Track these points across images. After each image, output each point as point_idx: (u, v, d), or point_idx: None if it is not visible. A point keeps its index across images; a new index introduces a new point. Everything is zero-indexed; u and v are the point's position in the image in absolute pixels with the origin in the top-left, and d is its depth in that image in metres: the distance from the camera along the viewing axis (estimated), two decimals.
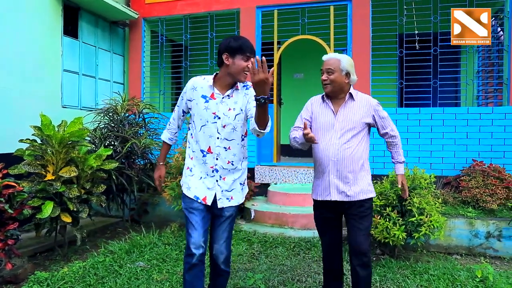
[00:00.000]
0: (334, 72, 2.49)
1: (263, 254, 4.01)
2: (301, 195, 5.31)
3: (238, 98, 2.37)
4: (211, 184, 2.37)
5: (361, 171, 2.53)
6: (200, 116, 2.33)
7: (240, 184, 2.48)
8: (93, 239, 4.70)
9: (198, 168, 2.39)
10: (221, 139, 2.33)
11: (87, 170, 3.95)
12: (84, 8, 6.19)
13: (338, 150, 2.49)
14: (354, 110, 2.53)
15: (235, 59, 2.25)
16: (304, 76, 8.65)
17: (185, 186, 2.45)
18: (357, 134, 2.51)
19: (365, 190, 2.54)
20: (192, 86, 2.40)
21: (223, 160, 2.36)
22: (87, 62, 6.34)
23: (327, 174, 2.54)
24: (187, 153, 2.48)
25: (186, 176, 2.45)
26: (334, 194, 2.53)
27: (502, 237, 4.14)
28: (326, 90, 2.55)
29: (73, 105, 6.04)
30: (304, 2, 6.21)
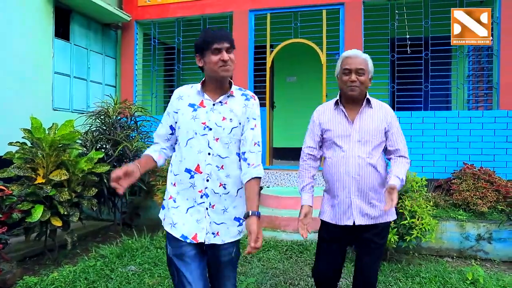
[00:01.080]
0: (365, 74, 2.16)
1: (256, 258, 4.00)
2: (294, 199, 5.31)
3: (234, 106, 1.95)
4: (201, 214, 1.89)
5: (383, 187, 2.19)
6: (187, 127, 1.90)
7: (234, 220, 1.95)
8: (84, 243, 4.66)
9: (184, 195, 1.91)
10: (213, 156, 1.88)
11: (78, 174, 3.92)
12: (76, 10, 6.16)
13: (360, 165, 2.13)
14: (372, 118, 2.20)
15: (205, 57, 1.90)
16: (297, 80, 8.68)
17: (167, 222, 1.95)
18: (377, 145, 2.19)
19: (391, 211, 2.23)
20: (178, 95, 2.00)
21: (214, 182, 1.89)
22: (78, 65, 6.30)
23: (347, 194, 2.17)
24: (169, 179, 2.01)
25: (169, 209, 1.95)
26: (357, 218, 2.17)
27: (492, 240, 4.18)
28: (354, 93, 2.17)
29: (64, 107, 5.99)
30: (296, 6, 6.23)
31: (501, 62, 5.43)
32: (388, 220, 2.24)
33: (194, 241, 1.88)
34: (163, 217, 2.01)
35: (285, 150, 7.80)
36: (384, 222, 2.22)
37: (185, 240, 1.88)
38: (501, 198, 4.54)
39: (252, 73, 6.44)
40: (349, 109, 2.24)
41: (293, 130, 7.84)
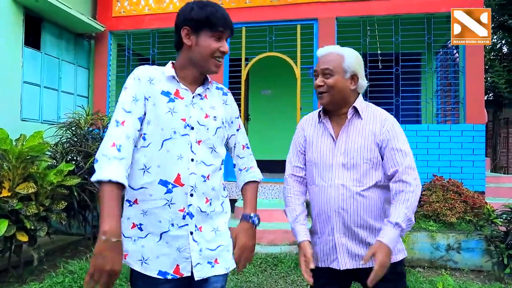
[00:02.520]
0: (334, 74, 1.65)
1: (230, 271, 3.95)
2: (268, 211, 5.31)
3: (214, 101, 1.56)
4: (182, 241, 1.42)
5: (382, 222, 1.60)
6: (162, 123, 1.42)
7: (231, 238, 1.61)
8: (51, 259, 4.48)
9: (154, 217, 1.41)
10: (196, 163, 1.44)
11: (47, 186, 3.79)
12: (47, 19, 6.03)
13: (344, 196, 1.63)
14: (361, 133, 1.66)
15: (199, 37, 1.44)
16: (271, 93, 8.76)
17: (134, 258, 1.43)
18: (370, 169, 1.63)
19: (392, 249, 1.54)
20: (147, 76, 1.47)
21: (200, 198, 1.45)
22: (49, 75, 6.15)
23: (331, 231, 1.67)
24: (127, 195, 1.46)
25: (135, 240, 1.43)
26: (343, 260, 1.65)
27: (461, 249, 4.29)
28: (322, 101, 1.70)
29: (34, 118, 5.81)
30: (271, 21, 6.33)
31: (466, 79, 5.66)
32: (392, 261, 1.55)
33: (177, 275, 1.41)
34: (125, 253, 1.41)
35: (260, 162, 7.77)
36: None
37: (164, 277, 1.41)
38: (469, 209, 4.69)
39: (227, 86, 6.45)
40: (334, 121, 1.73)
41: (268, 143, 7.89)
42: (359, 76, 1.69)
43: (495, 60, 11.00)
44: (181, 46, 1.51)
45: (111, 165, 1.28)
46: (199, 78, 1.53)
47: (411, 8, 5.93)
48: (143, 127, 1.43)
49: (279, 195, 5.93)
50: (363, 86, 1.72)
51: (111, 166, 1.28)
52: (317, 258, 1.74)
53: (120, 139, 1.34)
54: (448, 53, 6.78)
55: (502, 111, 11.36)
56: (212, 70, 1.50)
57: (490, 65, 10.61)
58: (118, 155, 1.31)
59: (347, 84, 1.67)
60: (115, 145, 1.32)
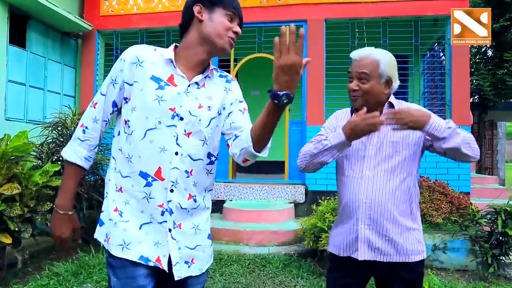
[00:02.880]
0: (370, 80, 1.66)
1: (218, 272, 3.95)
2: (256, 212, 5.32)
3: (213, 91, 1.44)
4: (160, 236, 1.36)
5: (407, 219, 1.69)
6: (147, 111, 1.33)
7: (208, 238, 1.50)
8: (36, 261, 4.40)
9: (135, 207, 1.36)
10: (181, 157, 1.34)
11: (32, 187, 3.73)
12: (33, 17, 5.94)
13: (373, 187, 1.66)
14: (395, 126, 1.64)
15: (213, 13, 1.37)
16: (260, 93, 8.76)
17: (115, 242, 1.35)
18: (401, 162, 1.66)
19: (414, 249, 1.67)
20: (134, 57, 1.37)
21: (181, 194, 1.36)
22: (35, 73, 6.06)
23: (355, 222, 1.70)
24: (111, 179, 1.41)
25: (116, 224, 1.36)
26: (363, 251, 1.67)
27: (447, 249, 4.35)
28: (356, 104, 1.71)
29: (18, 118, 5.71)
30: (261, 22, 6.33)
31: (453, 81, 5.75)
32: (407, 260, 1.65)
33: (159, 264, 1.34)
34: (105, 236, 1.39)
35: None
36: (404, 263, 1.66)
37: (147, 263, 1.33)
38: (454, 210, 4.75)
39: None
40: None
41: None
42: (394, 80, 1.70)
43: (480, 63, 11.18)
44: (188, 25, 1.40)
45: (72, 146, 1.44)
46: (202, 62, 1.42)
47: (399, 11, 6.00)
48: (126, 112, 1.37)
49: (268, 195, 5.93)
50: (394, 88, 1.73)
51: (72, 147, 1.43)
52: (339, 247, 1.75)
53: (88, 121, 1.42)
54: (434, 56, 6.88)
55: (487, 113, 11.56)
56: (225, 47, 1.39)
57: (475, 68, 10.78)
58: (82, 136, 1.42)
59: (382, 88, 1.68)
60: (83, 126, 1.43)
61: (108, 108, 1.41)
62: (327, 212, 4.06)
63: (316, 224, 4.03)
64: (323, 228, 3.91)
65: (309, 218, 4.30)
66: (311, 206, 4.67)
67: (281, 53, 1.13)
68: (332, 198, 4.40)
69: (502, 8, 9.92)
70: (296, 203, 5.86)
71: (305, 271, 3.96)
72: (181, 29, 1.44)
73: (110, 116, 1.43)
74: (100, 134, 1.44)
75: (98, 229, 1.44)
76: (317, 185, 5.92)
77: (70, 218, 1.45)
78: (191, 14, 1.39)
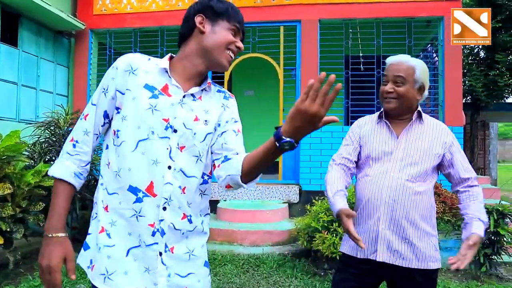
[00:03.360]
0: (406, 83, 1.70)
1: (212, 273, 3.94)
2: (250, 212, 5.31)
3: (210, 105, 1.34)
4: (150, 261, 1.22)
5: (428, 225, 1.72)
6: (139, 121, 1.23)
7: (204, 266, 1.34)
8: (28, 262, 4.36)
9: (120, 230, 1.23)
10: (174, 171, 1.23)
11: (24, 187, 3.69)
12: (25, 16, 5.88)
13: (398, 187, 1.67)
14: (423, 136, 1.75)
15: (216, 25, 1.29)
16: (254, 93, 8.77)
17: (97, 272, 1.24)
18: (426, 170, 1.71)
19: (432, 255, 1.71)
20: (128, 65, 1.28)
21: (175, 212, 1.24)
22: (27, 73, 6.00)
23: (376, 222, 1.70)
24: (99, 197, 1.29)
25: (100, 250, 1.23)
26: (382, 252, 1.68)
27: (440, 249, 4.34)
28: (389, 106, 1.75)
29: (10, 117, 5.66)
30: (255, 22, 6.33)
31: (445, 82, 5.79)
32: (425, 267, 1.68)
33: None
34: (89, 263, 1.27)
35: None
36: (421, 269, 1.68)
37: None
38: (447, 209, 4.78)
39: None
40: (394, 124, 1.79)
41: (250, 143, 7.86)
42: (426, 87, 1.76)
43: (472, 64, 11.27)
44: (189, 35, 1.31)
45: (60, 161, 1.27)
46: (198, 75, 1.32)
47: (392, 12, 6.03)
48: (116, 122, 1.25)
49: (262, 195, 5.93)
50: (425, 96, 1.80)
51: (60, 163, 1.27)
52: (357, 248, 1.73)
53: (78, 134, 1.28)
54: (428, 57, 6.93)
55: (479, 114, 11.65)
56: (223, 63, 1.31)
57: (468, 69, 10.87)
58: (71, 151, 1.27)
59: (415, 94, 1.74)
60: (72, 141, 1.28)
61: (100, 120, 1.29)
62: (321, 212, 4.07)
63: (310, 224, 4.04)
64: (317, 228, 3.92)
65: (303, 218, 4.30)
66: (305, 206, 4.68)
67: (308, 97, 1.00)
68: (326, 198, 4.40)
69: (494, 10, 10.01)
70: (290, 203, 5.87)
71: (299, 271, 3.97)
72: (180, 38, 1.35)
73: (102, 129, 1.31)
74: (92, 148, 1.30)
75: (82, 254, 1.30)
76: (311, 185, 5.94)
77: (61, 242, 1.22)
78: (192, 24, 1.30)
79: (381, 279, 1.78)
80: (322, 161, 5.85)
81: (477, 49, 11.52)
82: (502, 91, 10.80)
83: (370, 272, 1.73)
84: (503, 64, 10.30)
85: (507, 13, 10.00)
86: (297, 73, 6.25)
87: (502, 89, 10.61)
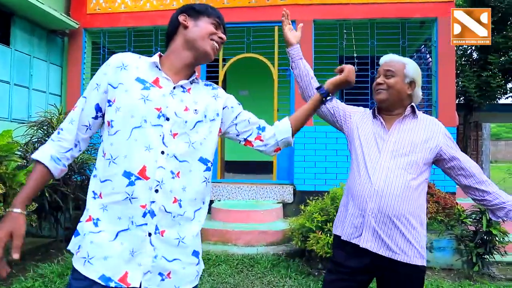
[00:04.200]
0: (395, 76, 1.79)
1: (206, 273, 3.93)
2: (245, 212, 5.31)
3: (199, 96, 1.43)
4: (138, 242, 1.26)
5: (415, 220, 1.70)
6: (133, 110, 1.29)
7: (192, 255, 1.37)
8: (21, 263, 4.32)
9: (113, 212, 1.27)
10: (167, 156, 1.29)
11: (16, 187, 3.66)
12: (18, 14, 5.83)
13: (386, 178, 1.70)
14: (415, 130, 1.78)
15: (198, 20, 1.42)
16: (249, 93, 8.77)
17: (80, 255, 1.29)
18: (417, 162, 1.72)
19: (417, 251, 1.69)
20: (119, 62, 1.36)
21: (166, 195, 1.28)
22: (20, 72, 5.95)
23: (363, 208, 1.73)
24: (90, 187, 1.35)
25: (85, 235, 1.29)
26: (365, 238, 1.71)
27: (433, 249, 4.41)
28: (379, 97, 1.83)
29: (2, 116, 5.61)
30: (249, 22, 6.33)
31: (439, 83, 5.83)
32: (413, 262, 1.67)
33: (123, 284, 1.23)
34: (77, 248, 1.31)
35: (236, 163, 7.81)
36: (406, 264, 1.67)
37: (107, 284, 1.23)
38: (441, 209, 4.81)
39: None
40: (387, 119, 1.85)
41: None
42: (417, 84, 1.82)
43: (465, 65, 11.36)
44: (174, 33, 1.45)
45: (43, 146, 1.35)
46: (187, 67, 1.43)
47: (386, 13, 6.05)
48: (110, 114, 1.32)
49: (256, 196, 5.93)
50: (418, 95, 1.84)
51: (42, 147, 1.34)
52: (344, 227, 1.80)
53: (65, 123, 1.38)
54: (421, 58, 6.97)
55: (472, 114, 11.75)
56: (208, 51, 1.41)
57: (461, 70, 10.96)
58: (55, 137, 1.36)
59: (405, 87, 1.80)
60: (59, 129, 1.38)
61: (90, 112, 1.36)
62: (315, 212, 4.08)
63: (304, 224, 4.05)
64: (311, 228, 3.93)
65: (297, 218, 4.31)
66: (299, 206, 4.69)
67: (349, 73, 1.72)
68: (320, 198, 4.42)
69: None
70: (284, 203, 5.87)
71: (293, 271, 3.97)
72: (167, 38, 1.48)
73: (94, 122, 1.37)
74: (75, 137, 1.36)
75: (72, 240, 1.35)
76: (306, 185, 5.95)
77: (14, 218, 1.22)
78: (177, 23, 1.44)
79: (371, 276, 1.79)
80: (316, 161, 5.86)
81: (470, 50, 11.61)
82: (494, 92, 10.90)
83: (360, 269, 1.74)
84: (496, 65, 10.40)
85: (499, 14, 10.10)
86: (291, 73, 6.25)
87: (495, 90, 10.71)
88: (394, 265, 1.68)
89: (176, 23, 1.44)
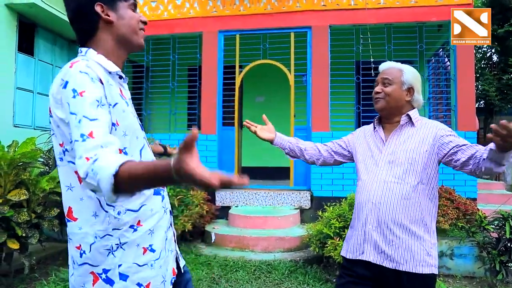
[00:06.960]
0: (392, 84, 1.81)
1: (224, 279, 3.94)
2: (262, 218, 5.31)
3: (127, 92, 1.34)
4: (171, 240, 1.37)
5: (418, 228, 1.70)
6: (134, 131, 1.24)
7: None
8: (43, 267, 4.42)
9: (160, 234, 1.29)
10: None
11: (39, 193, 3.76)
12: (41, 25, 6.02)
13: (384, 190, 1.73)
14: (411, 138, 1.77)
15: (118, 9, 1.25)
16: (265, 99, 8.79)
17: (157, 282, 1.26)
18: (414, 169, 1.72)
19: (421, 259, 1.69)
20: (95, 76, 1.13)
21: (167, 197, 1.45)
22: (43, 80, 6.13)
23: (364, 223, 1.77)
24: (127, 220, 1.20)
25: (153, 265, 1.24)
26: (368, 252, 1.74)
27: (454, 256, 4.31)
28: (377, 106, 1.85)
29: (26, 124, 5.77)
30: (265, 28, 6.37)
31: (458, 87, 5.73)
32: (419, 271, 1.68)
33: (174, 276, 1.37)
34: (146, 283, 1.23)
35: (253, 169, 7.81)
36: (410, 273, 1.68)
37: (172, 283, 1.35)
38: (461, 216, 4.71)
39: (221, 93, 6.47)
40: (386, 129, 1.88)
41: (261, 150, 7.89)
42: (415, 90, 1.82)
43: (485, 68, 11.16)
44: (96, 28, 1.24)
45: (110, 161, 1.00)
46: (123, 61, 1.34)
47: (403, 17, 6.01)
48: (119, 140, 1.11)
49: (273, 202, 5.93)
50: (418, 100, 1.84)
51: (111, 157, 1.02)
52: (349, 249, 1.83)
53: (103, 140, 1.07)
54: (439, 61, 6.87)
55: (493, 118, 11.49)
56: (142, 44, 1.32)
57: (481, 73, 10.77)
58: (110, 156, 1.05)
59: (403, 94, 1.81)
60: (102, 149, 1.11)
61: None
62: (332, 218, 4.05)
63: (322, 230, 4.02)
64: (329, 234, 3.90)
65: (315, 224, 4.29)
66: (317, 212, 4.67)
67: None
68: (337, 204, 4.38)
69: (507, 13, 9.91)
70: (301, 209, 5.85)
71: (311, 278, 3.95)
72: (83, 35, 1.26)
73: None
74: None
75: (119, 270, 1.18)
76: (323, 191, 5.91)
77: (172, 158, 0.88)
78: (94, 16, 1.23)
79: (377, 284, 1.78)
80: (333, 167, 5.82)
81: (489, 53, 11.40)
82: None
83: (366, 276, 1.76)
84: None
85: None
86: (308, 79, 6.25)
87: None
88: (399, 275, 1.69)
89: (93, 17, 1.23)
